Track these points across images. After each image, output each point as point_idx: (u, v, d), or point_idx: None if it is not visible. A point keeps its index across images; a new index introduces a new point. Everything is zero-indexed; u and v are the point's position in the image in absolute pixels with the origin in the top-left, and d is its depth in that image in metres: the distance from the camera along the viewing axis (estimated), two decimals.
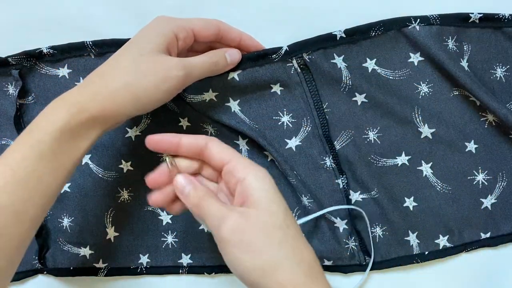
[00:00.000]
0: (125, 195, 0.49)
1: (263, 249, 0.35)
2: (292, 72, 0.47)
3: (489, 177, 0.48)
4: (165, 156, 0.39)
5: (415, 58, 0.46)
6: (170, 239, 0.50)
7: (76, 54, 0.47)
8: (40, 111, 0.37)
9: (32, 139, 0.36)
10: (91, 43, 0.46)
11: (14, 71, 0.47)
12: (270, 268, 0.34)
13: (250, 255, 0.34)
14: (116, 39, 0.46)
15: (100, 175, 0.49)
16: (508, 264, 0.50)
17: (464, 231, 0.49)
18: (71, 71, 0.48)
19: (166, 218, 0.50)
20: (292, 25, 0.48)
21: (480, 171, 0.48)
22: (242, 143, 0.49)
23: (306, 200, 0.47)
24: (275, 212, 0.36)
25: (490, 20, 0.46)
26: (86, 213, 0.49)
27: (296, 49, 0.46)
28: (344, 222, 0.48)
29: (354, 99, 0.47)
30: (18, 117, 0.48)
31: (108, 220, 0.49)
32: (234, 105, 0.48)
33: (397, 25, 0.45)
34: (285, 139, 0.48)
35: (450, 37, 0.46)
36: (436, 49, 0.45)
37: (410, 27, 0.45)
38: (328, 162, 0.48)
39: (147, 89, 0.39)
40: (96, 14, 0.49)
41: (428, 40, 0.45)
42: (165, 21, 0.42)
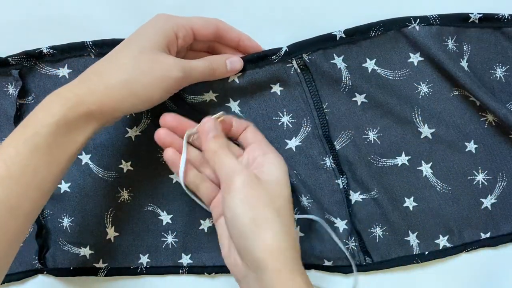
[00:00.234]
0: (125, 195, 0.49)
1: (264, 208, 0.38)
2: (292, 72, 0.47)
3: (489, 177, 0.48)
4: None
5: (415, 58, 0.46)
6: (170, 239, 0.50)
7: (76, 54, 0.47)
8: None
9: (27, 133, 0.36)
10: (91, 43, 0.46)
11: (14, 71, 0.47)
12: (264, 226, 0.37)
13: (251, 208, 0.38)
14: (116, 39, 0.46)
15: (100, 175, 0.49)
16: (508, 264, 0.50)
17: (464, 231, 0.49)
18: (71, 71, 0.48)
19: (166, 218, 0.50)
20: (292, 25, 0.48)
21: (480, 171, 0.48)
22: None
23: (306, 200, 0.47)
24: (282, 189, 0.40)
25: (489, 20, 0.46)
26: (86, 213, 0.49)
27: (295, 49, 0.46)
28: (344, 222, 0.48)
29: (354, 99, 0.47)
30: (18, 117, 0.48)
31: (108, 220, 0.49)
32: (234, 105, 0.48)
33: (396, 25, 0.45)
34: (285, 140, 0.48)
35: (450, 37, 0.46)
36: (436, 49, 0.45)
37: (409, 27, 0.45)
38: (328, 162, 0.48)
39: (146, 87, 0.39)
40: (96, 14, 0.49)
41: (428, 40, 0.45)
42: (164, 19, 0.42)
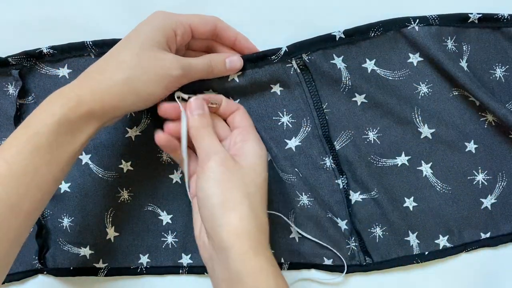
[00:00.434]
0: (125, 195, 0.49)
1: (234, 191, 0.39)
2: (291, 72, 0.47)
3: (489, 177, 0.48)
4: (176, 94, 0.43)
5: (415, 59, 0.46)
6: (170, 239, 0.50)
7: (76, 54, 0.47)
8: None
9: (28, 132, 0.36)
10: (91, 43, 0.47)
11: (14, 71, 0.47)
12: (232, 208, 0.38)
13: (222, 190, 0.39)
14: (116, 39, 0.46)
15: (100, 175, 0.49)
16: (508, 264, 0.50)
17: (464, 231, 0.49)
18: (71, 71, 0.48)
19: (166, 218, 0.50)
20: (292, 25, 0.48)
21: (480, 171, 0.48)
22: None
23: (306, 199, 0.47)
24: (257, 176, 0.41)
25: (489, 20, 0.46)
26: (86, 213, 0.49)
27: (295, 49, 0.46)
28: (345, 222, 0.48)
29: (353, 99, 0.47)
30: (18, 117, 0.48)
31: (108, 220, 0.49)
32: None
33: (396, 25, 0.46)
34: (284, 139, 0.48)
35: (449, 37, 0.46)
36: (436, 49, 0.45)
37: (409, 28, 0.45)
38: (328, 162, 0.48)
39: (147, 84, 0.39)
40: (96, 14, 0.49)
41: (427, 41, 0.45)
42: (163, 16, 0.42)
